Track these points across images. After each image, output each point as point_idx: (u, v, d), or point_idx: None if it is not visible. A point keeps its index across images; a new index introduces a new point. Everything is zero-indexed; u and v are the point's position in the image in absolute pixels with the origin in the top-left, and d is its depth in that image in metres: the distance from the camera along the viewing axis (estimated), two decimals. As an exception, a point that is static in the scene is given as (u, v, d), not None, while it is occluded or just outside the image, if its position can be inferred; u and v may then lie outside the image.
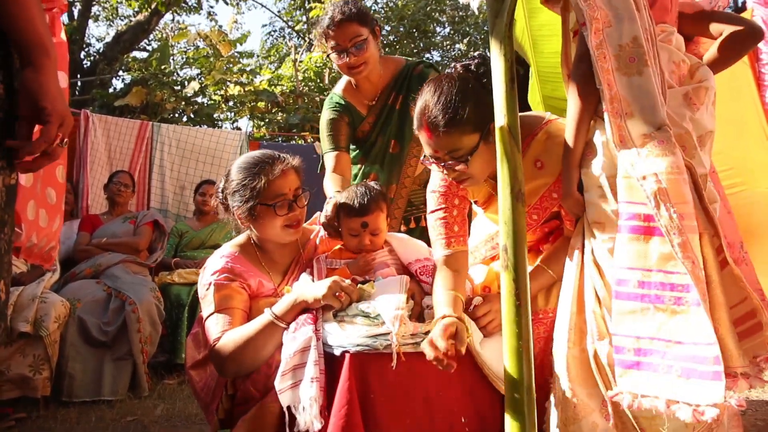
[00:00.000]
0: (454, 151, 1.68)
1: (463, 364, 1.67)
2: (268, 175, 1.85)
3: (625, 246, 1.43)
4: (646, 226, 1.41)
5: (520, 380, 1.42)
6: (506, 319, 1.45)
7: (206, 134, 6.07)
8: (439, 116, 1.65)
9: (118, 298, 3.73)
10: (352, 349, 1.56)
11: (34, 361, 3.19)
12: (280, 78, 9.35)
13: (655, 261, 1.38)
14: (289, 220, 1.88)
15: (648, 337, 1.38)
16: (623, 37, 1.50)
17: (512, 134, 1.38)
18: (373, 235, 1.96)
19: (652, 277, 1.39)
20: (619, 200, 1.47)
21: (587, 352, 1.56)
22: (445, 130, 1.65)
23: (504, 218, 1.41)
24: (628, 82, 1.49)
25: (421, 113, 1.70)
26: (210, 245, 4.67)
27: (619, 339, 1.42)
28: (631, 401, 1.36)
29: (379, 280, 1.81)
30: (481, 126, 1.67)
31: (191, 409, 3.24)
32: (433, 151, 1.72)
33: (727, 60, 1.92)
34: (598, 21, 1.49)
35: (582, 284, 1.62)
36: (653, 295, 1.38)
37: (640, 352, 1.38)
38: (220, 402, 1.83)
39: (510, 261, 1.43)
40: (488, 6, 1.46)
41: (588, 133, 1.64)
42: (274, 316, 1.71)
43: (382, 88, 2.66)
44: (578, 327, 1.58)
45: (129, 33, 10.61)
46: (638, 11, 1.54)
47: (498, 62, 1.41)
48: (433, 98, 1.67)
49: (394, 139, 2.66)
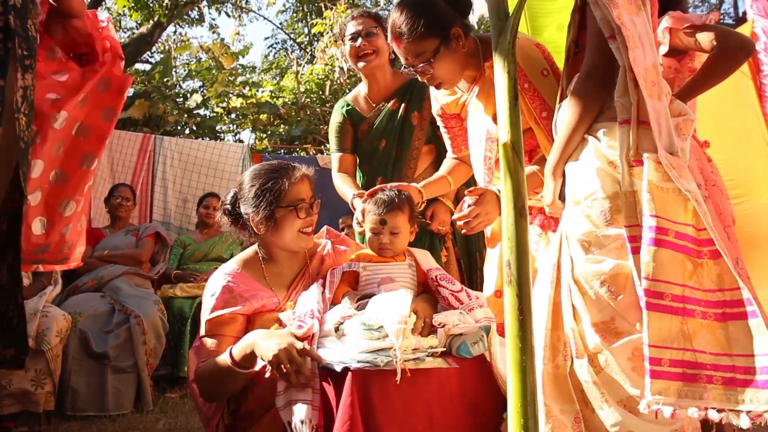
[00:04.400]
0: (419, 55, 1.98)
1: (465, 380, 1.67)
2: (290, 178, 1.91)
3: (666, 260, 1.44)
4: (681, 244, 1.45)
5: (524, 394, 1.41)
6: (509, 333, 1.44)
7: (208, 147, 6.09)
8: (402, 26, 1.96)
9: (121, 312, 3.73)
10: (353, 366, 1.56)
11: (36, 376, 3.18)
12: (282, 90, 9.39)
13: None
14: (306, 224, 1.93)
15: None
16: (647, 60, 1.54)
17: (515, 150, 1.38)
18: (392, 234, 1.95)
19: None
20: (645, 213, 1.47)
21: (562, 369, 1.56)
22: (407, 38, 1.96)
23: (507, 233, 1.41)
24: (652, 104, 1.51)
25: (390, 27, 2.01)
26: (212, 258, 4.68)
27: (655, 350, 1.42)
28: (672, 411, 1.36)
29: (382, 294, 1.81)
30: (439, 31, 1.95)
31: (193, 423, 3.23)
32: (404, 59, 2.03)
33: (720, 74, 1.93)
34: (630, 39, 1.51)
35: (558, 301, 1.61)
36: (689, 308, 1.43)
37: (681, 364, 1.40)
38: (221, 417, 1.83)
39: (513, 276, 1.43)
40: (492, 24, 1.46)
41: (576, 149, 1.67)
42: (232, 361, 1.71)
43: (388, 95, 2.80)
44: (552, 344, 1.59)
45: (132, 45, 10.64)
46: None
47: (501, 80, 1.41)
48: (397, 13, 1.99)
49: (396, 144, 2.75)
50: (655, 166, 1.49)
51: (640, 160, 1.51)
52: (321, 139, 8.03)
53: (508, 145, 1.41)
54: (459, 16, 2.03)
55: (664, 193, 1.48)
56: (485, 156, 2.08)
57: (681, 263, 1.45)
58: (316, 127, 8.06)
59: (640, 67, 1.51)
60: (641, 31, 1.55)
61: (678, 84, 2.13)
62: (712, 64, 1.91)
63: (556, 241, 1.67)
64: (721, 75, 1.94)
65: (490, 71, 1.99)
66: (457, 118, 2.32)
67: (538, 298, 1.64)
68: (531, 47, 1.99)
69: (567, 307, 1.58)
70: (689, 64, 2.21)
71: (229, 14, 12.66)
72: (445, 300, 1.85)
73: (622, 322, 1.50)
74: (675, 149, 1.53)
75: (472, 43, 2.06)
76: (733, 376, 1.37)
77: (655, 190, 1.47)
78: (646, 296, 1.43)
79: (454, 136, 2.38)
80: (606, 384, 1.50)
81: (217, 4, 11.75)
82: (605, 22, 1.55)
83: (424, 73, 2.02)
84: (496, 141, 2.03)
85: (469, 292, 1.89)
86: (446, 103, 2.29)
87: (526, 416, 1.40)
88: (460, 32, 1.98)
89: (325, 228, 2.19)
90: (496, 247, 2.17)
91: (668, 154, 1.51)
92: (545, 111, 1.94)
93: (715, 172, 2.29)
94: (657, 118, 1.51)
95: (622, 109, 1.55)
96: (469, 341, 1.69)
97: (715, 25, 2.00)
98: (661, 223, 1.45)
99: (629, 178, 1.52)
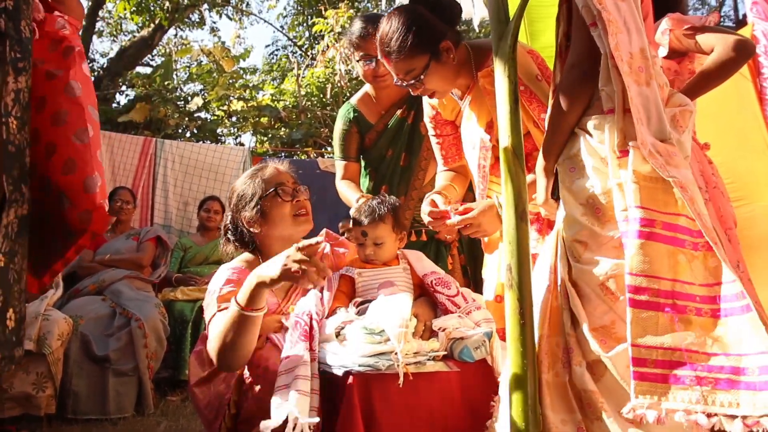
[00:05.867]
0: (410, 72, 1.96)
1: (466, 384, 1.67)
2: (263, 174, 2.00)
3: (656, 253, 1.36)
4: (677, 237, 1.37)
5: (525, 398, 1.41)
6: (510, 337, 1.45)
7: (209, 150, 6.09)
8: (390, 44, 1.94)
9: (123, 315, 3.73)
10: (354, 369, 1.55)
11: (37, 379, 3.19)
12: (283, 93, 9.40)
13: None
14: (297, 208, 1.98)
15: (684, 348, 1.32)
16: (632, 46, 1.47)
17: (516, 155, 1.39)
18: (376, 244, 1.96)
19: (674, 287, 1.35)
20: (630, 205, 1.39)
21: (561, 377, 1.49)
22: (396, 56, 1.94)
23: (508, 238, 1.41)
24: (638, 90, 1.45)
25: (378, 44, 1.99)
26: (213, 261, 4.68)
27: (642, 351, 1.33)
28: (657, 415, 1.28)
29: (382, 298, 1.81)
30: (428, 47, 1.93)
31: (194, 427, 3.22)
32: (395, 74, 2.01)
33: (721, 75, 1.92)
34: (613, 24, 1.44)
35: (556, 305, 1.54)
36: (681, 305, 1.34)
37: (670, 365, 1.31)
38: (223, 420, 1.83)
39: (514, 280, 1.43)
40: (492, 28, 1.47)
41: (566, 144, 1.60)
42: (239, 306, 1.66)
43: (396, 101, 2.76)
44: (551, 350, 1.51)
45: (133, 48, 10.68)
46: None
47: (502, 84, 1.41)
48: (385, 30, 1.96)
49: (405, 152, 2.73)
50: (641, 156, 1.40)
51: (626, 150, 1.43)
52: (322, 143, 8.04)
53: (509, 149, 1.41)
54: (448, 27, 2.00)
55: (653, 182, 1.40)
56: (479, 164, 2.07)
57: (671, 256, 1.36)
58: (316, 131, 8.07)
59: (623, 51, 1.44)
60: (626, 16, 1.48)
61: (678, 86, 2.13)
62: (712, 66, 1.91)
63: (552, 242, 1.61)
64: (721, 77, 1.93)
65: (484, 81, 1.99)
66: (452, 125, 2.31)
67: (534, 302, 1.56)
68: (523, 54, 1.96)
69: (564, 311, 1.52)
70: (689, 66, 2.21)
71: (230, 17, 12.69)
72: (443, 305, 1.86)
73: (622, 326, 1.42)
74: (667, 136, 1.45)
75: (464, 52, 2.04)
76: (728, 377, 1.27)
77: (642, 179, 1.39)
78: (629, 292, 1.34)
79: (447, 145, 2.34)
80: (606, 392, 1.43)
81: (218, 7, 11.78)
82: (587, 10, 1.48)
83: (416, 87, 2.02)
84: (489, 150, 2.03)
85: (466, 295, 1.89)
86: (437, 106, 2.29)
87: (527, 420, 1.40)
88: (450, 45, 1.97)
89: (324, 231, 2.19)
90: (494, 253, 2.17)
91: (657, 141, 1.43)
92: (543, 113, 1.93)
93: (716, 174, 2.28)
94: (645, 104, 1.45)
95: (607, 98, 1.49)
96: (472, 346, 1.68)
97: (715, 26, 2.01)
98: (647, 214, 1.37)
99: (617, 170, 1.44)
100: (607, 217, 1.48)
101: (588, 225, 1.51)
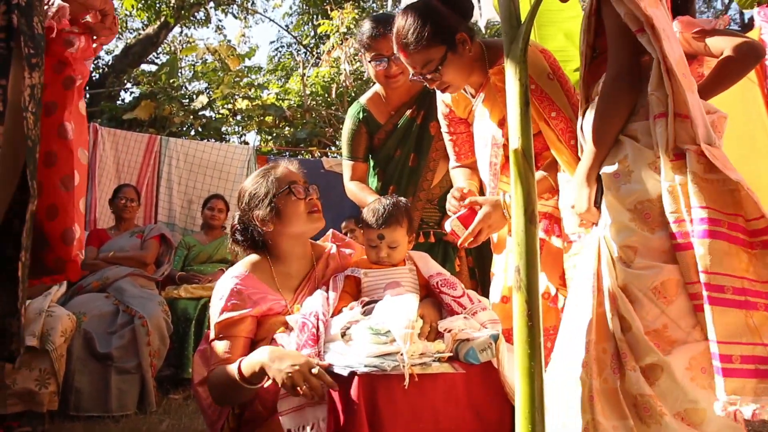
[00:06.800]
0: (427, 64, 1.97)
1: (472, 385, 1.66)
2: (275, 173, 1.99)
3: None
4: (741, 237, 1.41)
5: (532, 400, 1.40)
6: (518, 339, 1.44)
7: (214, 148, 6.10)
8: (407, 36, 1.95)
9: (126, 312, 3.73)
10: (360, 370, 1.55)
11: (40, 375, 3.18)
12: (288, 92, 9.41)
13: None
14: (310, 206, 1.97)
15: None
16: (675, 52, 1.51)
17: (526, 157, 1.38)
18: (391, 248, 1.96)
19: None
20: (693, 205, 1.42)
21: (611, 383, 1.49)
22: (414, 48, 1.95)
23: (517, 239, 1.41)
24: (690, 95, 1.48)
25: (395, 38, 2.01)
26: (217, 259, 4.68)
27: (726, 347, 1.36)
28: (752, 410, 1.30)
29: (388, 298, 1.81)
30: (444, 38, 1.95)
31: (197, 425, 3.22)
32: (411, 68, 2.03)
33: (730, 78, 1.92)
34: (663, 32, 1.48)
35: (601, 311, 1.54)
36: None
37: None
38: (226, 420, 1.83)
39: (523, 282, 1.42)
40: (504, 32, 1.47)
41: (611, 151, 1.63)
42: (240, 376, 1.69)
43: (406, 101, 2.74)
44: (598, 357, 1.51)
45: (138, 46, 10.70)
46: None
47: (513, 86, 1.41)
48: (401, 22, 1.97)
49: (413, 153, 2.71)
50: (696, 158, 1.44)
51: (680, 153, 1.47)
52: (326, 142, 8.04)
53: (519, 151, 1.41)
54: (462, 20, 2.03)
55: (710, 184, 1.43)
56: (491, 162, 2.08)
57: (737, 255, 1.40)
58: (321, 130, 8.08)
59: (671, 58, 1.48)
60: (664, 25, 1.52)
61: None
62: (722, 69, 1.91)
63: (594, 248, 1.61)
64: (730, 79, 1.93)
65: (495, 78, 1.99)
66: (465, 123, 2.32)
67: (579, 308, 1.58)
68: (535, 52, 1.97)
69: (612, 317, 1.52)
70: (698, 70, 2.20)
71: (235, 16, 12.72)
72: (448, 306, 1.85)
73: (675, 329, 1.45)
74: (713, 140, 1.48)
75: (478, 48, 2.06)
76: None
77: (701, 181, 1.42)
78: (707, 290, 1.37)
79: (461, 142, 2.36)
80: (662, 396, 1.43)
81: (224, 5, 11.80)
82: (631, 17, 1.51)
83: (433, 80, 2.03)
84: (501, 147, 2.03)
85: (471, 296, 1.88)
86: (451, 103, 2.30)
87: (533, 422, 1.40)
88: (466, 37, 1.99)
89: (331, 231, 2.20)
90: (502, 253, 2.16)
91: (708, 146, 1.46)
92: (554, 111, 1.94)
93: None
94: (693, 109, 1.47)
95: (657, 102, 1.51)
96: (478, 348, 1.68)
97: (725, 29, 2.00)
98: (713, 214, 1.40)
99: (671, 173, 1.47)
100: (656, 221, 1.51)
101: (638, 230, 1.53)
